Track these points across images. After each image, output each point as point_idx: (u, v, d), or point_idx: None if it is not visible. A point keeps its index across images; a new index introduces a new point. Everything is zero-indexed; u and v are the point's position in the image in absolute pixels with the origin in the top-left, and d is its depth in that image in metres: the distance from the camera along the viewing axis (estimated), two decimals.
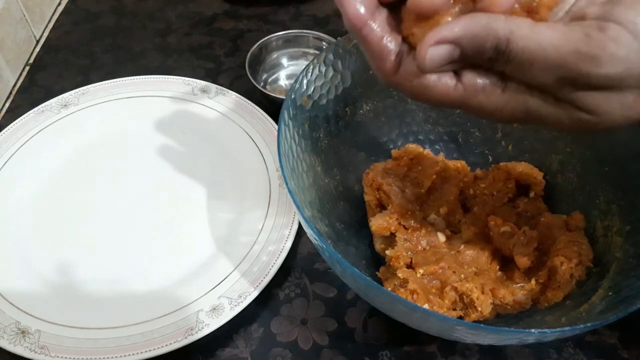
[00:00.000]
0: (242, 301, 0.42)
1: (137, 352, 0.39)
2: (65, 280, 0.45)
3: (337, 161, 0.46)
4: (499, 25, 0.23)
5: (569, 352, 0.42)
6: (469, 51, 0.24)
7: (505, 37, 0.23)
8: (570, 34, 0.23)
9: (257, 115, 0.54)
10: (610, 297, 0.35)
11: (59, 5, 0.72)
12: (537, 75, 0.24)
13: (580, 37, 0.23)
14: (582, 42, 0.23)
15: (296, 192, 0.37)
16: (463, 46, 0.24)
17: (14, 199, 0.49)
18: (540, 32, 0.23)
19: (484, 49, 0.24)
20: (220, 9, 0.71)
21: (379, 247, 0.43)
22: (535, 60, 0.24)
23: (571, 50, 0.23)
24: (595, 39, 0.23)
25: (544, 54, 0.23)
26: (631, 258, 0.37)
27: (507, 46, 0.24)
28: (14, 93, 0.62)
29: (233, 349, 0.42)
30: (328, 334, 0.43)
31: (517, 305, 0.39)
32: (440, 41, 0.24)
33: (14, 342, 0.40)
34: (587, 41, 0.23)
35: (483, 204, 0.45)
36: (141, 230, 0.48)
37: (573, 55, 0.23)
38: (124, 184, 0.51)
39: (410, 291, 0.38)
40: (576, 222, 0.42)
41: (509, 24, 0.23)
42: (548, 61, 0.23)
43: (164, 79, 0.58)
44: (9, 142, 0.53)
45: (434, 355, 0.42)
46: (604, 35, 0.22)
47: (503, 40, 0.23)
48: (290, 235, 0.45)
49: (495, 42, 0.24)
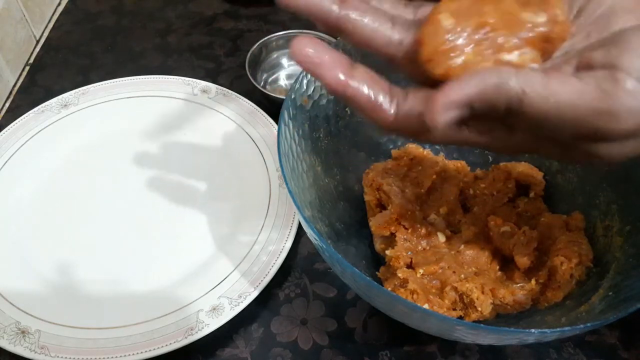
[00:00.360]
0: (242, 301, 0.42)
1: (137, 352, 0.39)
2: (65, 280, 0.45)
3: (337, 161, 0.46)
4: (511, 84, 0.23)
5: (569, 352, 0.42)
6: (480, 110, 0.24)
7: (518, 97, 0.23)
8: (585, 89, 0.22)
9: (257, 115, 0.54)
10: (610, 297, 0.35)
11: (59, 5, 0.72)
12: (551, 131, 0.24)
13: (595, 93, 0.22)
14: (599, 99, 0.22)
15: (296, 192, 0.37)
16: (474, 107, 0.23)
17: (14, 199, 0.49)
18: (555, 90, 0.22)
19: (496, 108, 0.23)
20: (220, 9, 0.71)
21: (379, 247, 0.43)
22: (549, 119, 0.23)
23: (588, 108, 0.22)
24: (611, 95, 0.22)
25: (559, 113, 0.23)
26: (631, 258, 0.37)
27: (519, 106, 0.23)
28: (14, 93, 0.62)
29: (233, 349, 0.42)
30: (328, 334, 0.43)
31: (517, 305, 0.39)
32: (450, 106, 0.23)
33: (14, 342, 0.40)
34: (603, 97, 0.22)
35: (483, 204, 0.45)
36: (141, 230, 0.48)
37: (590, 113, 0.22)
38: (124, 184, 0.51)
39: (410, 291, 0.38)
40: (576, 222, 0.42)
41: (521, 82, 0.23)
42: (564, 120, 0.23)
43: (164, 79, 0.58)
44: (9, 142, 0.53)
45: (434, 355, 0.42)
46: (619, 89, 0.22)
47: (515, 101, 0.23)
48: (290, 235, 0.45)
49: (508, 102, 0.23)
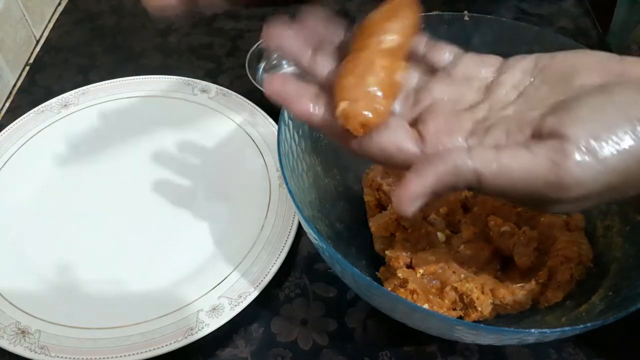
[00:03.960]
0: (242, 301, 0.42)
1: (137, 352, 0.39)
2: (65, 280, 0.45)
3: (337, 161, 0.46)
4: (465, 167, 0.24)
5: (569, 352, 0.42)
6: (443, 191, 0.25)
7: (475, 177, 0.24)
8: (536, 162, 0.23)
9: (257, 115, 0.54)
10: (610, 297, 0.36)
11: (59, 5, 0.72)
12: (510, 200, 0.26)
13: (547, 166, 0.23)
14: (550, 172, 0.23)
15: (296, 192, 0.37)
16: (435, 193, 0.25)
17: (14, 199, 0.49)
18: (506, 165, 0.24)
19: (457, 188, 0.25)
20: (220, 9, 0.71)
21: (379, 247, 0.43)
22: (505, 192, 0.24)
23: (540, 182, 0.23)
24: (561, 168, 0.23)
25: (513, 186, 0.24)
26: (631, 258, 0.37)
27: (478, 185, 0.24)
28: (14, 93, 0.62)
29: (233, 349, 0.42)
30: (328, 334, 0.43)
31: (517, 305, 0.39)
32: (414, 198, 0.24)
33: (14, 342, 0.40)
34: (554, 170, 0.23)
35: (483, 204, 0.45)
36: (141, 230, 0.48)
37: (542, 185, 0.23)
38: (123, 184, 0.51)
39: (410, 291, 0.38)
40: (576, 222, 0.42)
41: (476, 162, 0.24)
42: (518, 191, 0.24)
43: (164, 79, 0.58)
44: (9, 142, 0.53)
45: (434, 355, 0.42)
46: (569, 161, 0.23)
47: (473, 180, 0.24)
48: (290, 235, 0.45)
49: (466, 183, 0.24)
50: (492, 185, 0.24)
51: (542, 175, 0.23)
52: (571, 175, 0.23)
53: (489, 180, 0.24)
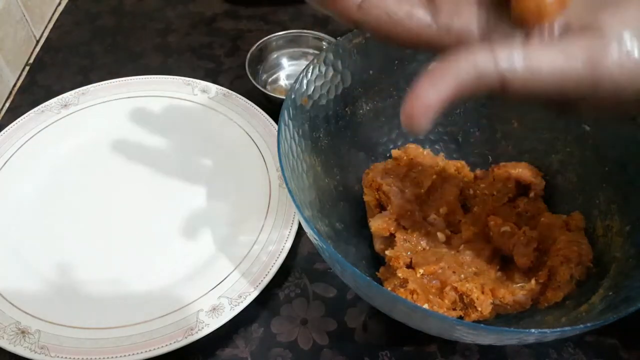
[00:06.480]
0: (242, 301, 0.42)
1: (137, 352, 0.39)
2: (65, 280, 0.45)
3: (337, 161, 0.46)
4: (490, 73, 0.21)
5: (569, 352, 0.42)
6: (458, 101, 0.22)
7: (500, 84, 0.21)
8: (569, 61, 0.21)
9: (257, 115, 0.54)
10: (610, 297, 0.35)
11: (59, 5, 0.72)
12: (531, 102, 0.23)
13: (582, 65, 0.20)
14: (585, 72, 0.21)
15: (296, 192, 0.37)
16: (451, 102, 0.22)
17: (14, 199, 0.49)
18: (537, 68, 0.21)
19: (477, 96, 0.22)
20: (220, 9, 0.71)
21: (379, 247, 0.43)
22: (531, 96, 0.22)
23: (572, 83, 0.21)
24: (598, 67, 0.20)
25: (543, 90, 0.21)
26: (631, 258, 0.37)
27: (503, 91, 0.21)
28: (14, 93, 0.62)
29: (233, 349, 0.42)
30: (328, 334, 0.43)
31: (517, 305, 0.39)
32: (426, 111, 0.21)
33: (14, 342, 0.40)
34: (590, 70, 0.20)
35: (483, 204, 0.45)
36: (141, 230, 0.48)
37: (574, 87, 0.21)
38: (124, 184, 0.51)
39: (410, 291, 0.38)
40: (576, 222, 0.42)
41: (503, 67, 0.21)
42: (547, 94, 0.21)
43: (164, 79, 0.58)
44: (9, 142, 0.53)
45: (434, 355, 0.42)
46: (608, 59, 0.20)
47: (497, 87, 0.21)
48: (290, 235, 0.45)
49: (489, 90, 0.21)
50: (519, 89, 0.21)
51: (576, 76, 0.21)
52: (610, 75, 0.20)
53: (516, 85, 0.21)
